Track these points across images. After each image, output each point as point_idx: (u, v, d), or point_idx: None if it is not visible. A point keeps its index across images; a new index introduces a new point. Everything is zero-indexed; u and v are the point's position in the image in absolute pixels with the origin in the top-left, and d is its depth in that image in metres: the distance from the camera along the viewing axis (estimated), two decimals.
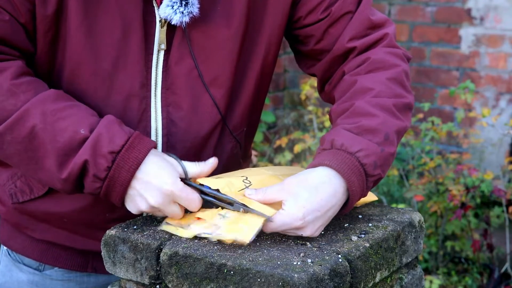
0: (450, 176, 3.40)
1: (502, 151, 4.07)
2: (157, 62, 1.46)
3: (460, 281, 3.50)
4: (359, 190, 1.35)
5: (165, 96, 1.48)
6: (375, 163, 1.35)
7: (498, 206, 3.56)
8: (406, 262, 1.43)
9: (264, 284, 1.19)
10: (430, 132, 3.59)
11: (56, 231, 1.56)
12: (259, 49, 1.53)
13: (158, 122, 1.48)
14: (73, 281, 1.61)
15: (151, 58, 1.45)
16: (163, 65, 1.46)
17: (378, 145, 1.36)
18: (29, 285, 1.61)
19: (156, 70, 1.46)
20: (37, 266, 1.61)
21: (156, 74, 1.46)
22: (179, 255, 1.28)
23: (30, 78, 1.39)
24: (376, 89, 1.44)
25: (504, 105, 4.13)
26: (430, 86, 4.35)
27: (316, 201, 1.30)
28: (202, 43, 1.46)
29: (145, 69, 1.45)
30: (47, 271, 1.61)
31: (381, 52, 1.51)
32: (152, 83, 1.46)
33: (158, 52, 1.46)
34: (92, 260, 1.59)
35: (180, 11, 1.40)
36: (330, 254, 1.26)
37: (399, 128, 1.42)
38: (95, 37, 1.40)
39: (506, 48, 4.08)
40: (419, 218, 1.45)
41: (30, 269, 1.62)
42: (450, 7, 4.22)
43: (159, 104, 1.48)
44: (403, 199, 3.82)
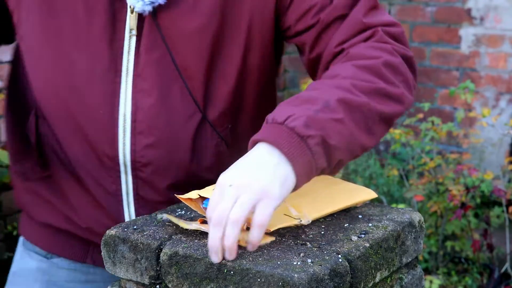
0: (450, 176, 3.40)
1: (502, 151, 4.08)
2: (129, 48, 1.47)
3: (460, 281, 3.50)
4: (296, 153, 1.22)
5: (135, 83, 1.48)
6: (305, 124, 1.23)
7: (498, 206, 3.57)
8: (406, 262, 1.43)
9: (264, 284, 1.19)
10: (430, 132, 3.60)
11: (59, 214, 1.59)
12: (235, 51, 1.51)
13: (127, 108, 1.49)
14: (78, 271, 1.63)
15: (121, 44, 1.46)
16: (135, 52, 1.47)
17: (313, 111, 1.25)
18: (37, 272, 1.65)
19: (128, 56, 1.47)
20: (45, 254, 1.65)
21: (128, 60, 1.47)
22: (179, 255, 1.28)
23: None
24: (341, 74, 1.35)
25: (504, 105, 4.13)
26: (430, 86, 4.35)
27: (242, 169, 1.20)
28: (171, 32, 1.46)
29: (113, 54, 1.46)
30: (54, 259, 1.65)
31: (362, 46, 1.42)
32: (123, 69, 1.47)
33: (130, 38, 1.46)
34: (92, 251, 1.62)
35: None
36: (330, 254, 1.26)
37: (346, 98, 1.29)
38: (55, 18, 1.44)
39: (506, 48, 4.09)
40: (419, 218, 1.45)
41: (40, 257, 1.66)
42: (450, 7, 4.22)
43: (130, 91, 1.48)
44: (403, 199, 3.82)
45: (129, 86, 1.48)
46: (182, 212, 1.46)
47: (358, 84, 1.32)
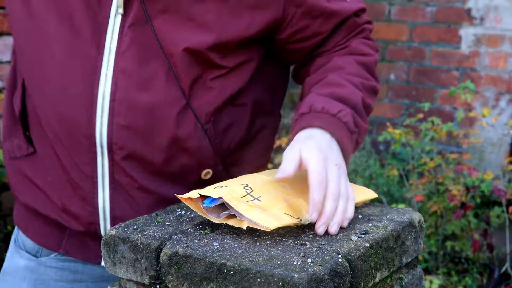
0: (450, 176, 3.40)
1: (502, 151, 4.08)
2: (113, 26, 1.45)
3: (460, 281, 3.50)
4: (350, 149, 1.44)
5: (117, 62, 1.46)
6: (354, 121, 1.45)
7: (498, 206, 3.57)
8: (406, 262, 1.43)
9: (264, 284, 1.19)
10: (430, 132, 3.60)
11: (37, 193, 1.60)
12: None
13: (107, 87, 1.47)
14: (67, 270, 1.62)
15: (105, 22, 1.44)
16: (119, 30, 1.45)
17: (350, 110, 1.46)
18: (25, 271, 1.65)
19: (112, 34, 1.45)
20: (35, 252, 1.64)
21: (112, 38, 1.45)
22: (179, 255, 1.28)
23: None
24: (347, 68, 1.53)
25: (504, 105, 4.13)
26: (430, 86, 4.35)
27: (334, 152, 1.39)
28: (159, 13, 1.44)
29: (96, 31, 1.45)
30: (42, 258, 1.64)
31: (357, 41, 1.59)
32: (106, 47, 1.46)
33: (115, 16, 1.45)
34: (66, 241, 1.61)
35: None
36: (330, 254, 1.26)
37: (364, 102, 1.51)
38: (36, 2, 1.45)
39: (506, 48, 4.09)
40: (419, 218, 1.45)
41: (28, 255, 1.65)
42: (450, 7, 4.22)
43: (111, 69, 1.46)
44: (403, 199, 3.82)
45: (110, 64, 1.46)
46: (182, 212, 1.46)
47: (365, 84, 1.53)
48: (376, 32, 4.48)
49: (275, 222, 1.31)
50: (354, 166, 4.03)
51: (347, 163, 1.43)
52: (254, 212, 1.31)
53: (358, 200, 1.47)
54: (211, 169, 1.57)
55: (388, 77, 4.49)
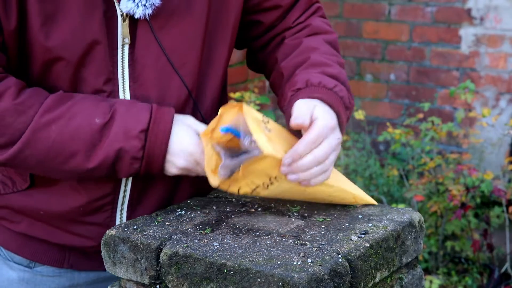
0: (450, 176, 3.40)
1: (502, 151, 4.07)
2: (123, 56, 1.46)
3: (460, 281, 3.50)
4: (345, 124, 1.47)
5: (133, 89, 1.48)
6: (348, 97, 1.49)
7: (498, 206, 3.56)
8: (406, 262, 1.43)
9: (264, 284, 1.19)
10: (430, 132, 3.60)
11: (32, 222, 1.56)
12: (226, 33, 1.55)
13: None
14: (63, 276, 1.61)
15: (116, 53, 1.45)
16: (129, 58, 1.46)
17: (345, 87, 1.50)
18: (19, 283, 1.61)
19: (122, 64, 1.46)
20: (27, 263, 1.61)
21: (123, 68, 1.46)
22: (179, 255, 1.28)
23: (30, 91, 1.42)
24: (321, 48, 1.56)
25: (504, 105, 4.13)
26: (430, 86, 4.35)
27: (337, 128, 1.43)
28: (166, 31, 1.46)
29: (111, 64, 1.45)
30: (37, 268, 1.60)
31: (317, 20, 1.64)
32: (119, 77, 1.46)
33: (123, 46, 1.45)
34: (69, 256, 1.59)
35: (142, 4, 1.41)
36: (330, 254, 1.26)
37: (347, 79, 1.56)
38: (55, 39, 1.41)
39: (506, 48, 4.08)
40: (419, 218, 1.45)
41: (21, 267, 1.61)
42: (450, 7, 4.22)
43: (128, 98, 1.48)
44: (403, 199, 3.82)
45: (126, 93, 1.47)
46: (182, 212, 1.46)
47: (340, 62, 1.57)
48: (376, 32, 4.48)
49: (271, 150, 1.32)
50: (354, 166, 4.03)
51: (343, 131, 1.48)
52: (259, 135, 1.33)
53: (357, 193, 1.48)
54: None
55: (388, 77, 4.49)
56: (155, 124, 1.41)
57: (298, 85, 1.47)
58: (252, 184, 1.39)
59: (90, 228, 1.54)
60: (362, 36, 4.54)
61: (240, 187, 1.40)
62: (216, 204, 1.51)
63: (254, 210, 1.48)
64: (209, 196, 1.58)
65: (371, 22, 4.48)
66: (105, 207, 1.52)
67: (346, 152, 4.17)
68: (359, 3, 4.51)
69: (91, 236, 1.54)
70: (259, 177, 1.38)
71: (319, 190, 1.42)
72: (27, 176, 1.53)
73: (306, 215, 1.44)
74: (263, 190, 1.40)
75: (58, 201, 1.52)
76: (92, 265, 1.59)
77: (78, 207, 1.52)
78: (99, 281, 1.62)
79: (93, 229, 1.53)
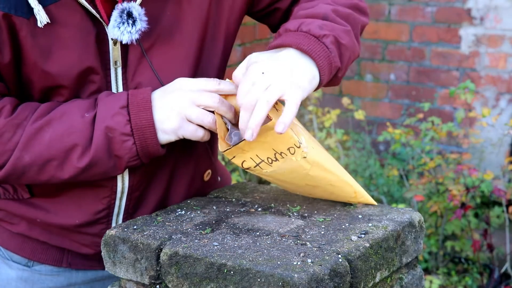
0: (450, 176, 3.40)
1: (502, 151, 4.08)
2: (116, 76, 1.46)
3: (460, 281, 3.50)
4: (316, 50, 1.37)
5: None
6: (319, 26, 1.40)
7: (498, 206, 3.57)
8: (406, 262, 1.43)
9: (264, 284, 1.19)
10: (430, 132, 3.60)
11: (32, 227, 1.57)
12: (218, 45, 1.55)
13: None
14: (61, 275, 1.61)
15: (109, 73, 1.46)
16: (122, 78, 1.47)
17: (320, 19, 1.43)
18: (18, 281, 1.62)
19: (116, 83, 1.47)
20: (26, 262, 1.62)
21: (117, 88, 1.47)
22: (179, 255, 1.28)
23: (23, 105, 1.43)
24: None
25: (504, 105, 4.13)
26: (430, 86, 4.35)
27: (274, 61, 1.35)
28: (157, 51, 1.47)
29: (105, 84, 1.46)
30: (36, 267, 1.61)
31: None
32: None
33: (116, 69, 1.46)
34: (67, 255, 1.60)
35: (127, 31, 1.41)
36: (330, 254, 1.26)
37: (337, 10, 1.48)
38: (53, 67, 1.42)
39: (506, 48, 4.09)
40: (419, 218, 1.45)
41: (20, 266, 1.62)
42: (450, 7, 4.22)
43: None
44: (403, 199, 3.82)
45: None
46: (182, 212, 1.46)
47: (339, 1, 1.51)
48: (376, 32, 4.48)
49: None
50: (354, 166, 4.03)
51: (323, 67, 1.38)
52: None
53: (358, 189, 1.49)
54: (210, 169, 1.62)
55: (388, 77, 4.49)
56: (133, 97, 1.41)
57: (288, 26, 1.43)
58: (257, 158, 1.38)
59: (87, 237, 1.56)
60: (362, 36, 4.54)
61: (245, 161, 1.39)
62: (216, 204, 1.51)
63: (254, 210, 1.48)
64: (209, 196, 1.58)
65: (371, 22, 4.48)
66: (100, 220, 1.54)
67: (346, 152, 4.18)
68: None
69: (87, 244, 1.57)
70: (264, 151, 1.37)
71: (321, 176, 1.42)
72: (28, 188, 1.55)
73: (306, 215, 1.44)
74: (266, 166, 1.38)
75: (56, 214, 1.54)
76: (91, 264, 1.60)
77: (74, 221, 1.54)
78: (97, 280, 1.63)
79: (89, 238, 1.56)
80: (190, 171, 1.58)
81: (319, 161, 1.40)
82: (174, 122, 1.41)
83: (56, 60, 1.41)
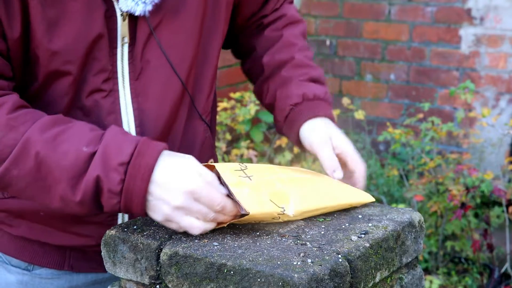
0: (450, 176, 3.40)
1: (502, 151, 4.08)
2: (122, 55, 1.45)
3: (460, 281, 3.50)
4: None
5: (134, 87, 1.47)
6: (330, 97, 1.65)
7: (498, 206, 3.57)
8: (406, 262, 1.43)
9: (264, 284, 1.19)
10: (430, 132, 3.60)
11: (32, 225, 1.55)
12: (219, 26, 1.57)
13: (129, 114, 1.48)
14: (62, 278, 1.60)
15: (115, 52, 1.44)
16: (129, 56, 1.46)
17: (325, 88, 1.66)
18: (18, 286, 1.59)
19: (122, 62, 1.46)
20: (26, 266, 1.59)
21: (122, 66, 1.46)
22: (179, 255, 1.28)
23: (27, 110, 1.38)
24: (299, 44, 1.70)
25: (504, 105, 4.13)
26: (430, 86, 4.35)
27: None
28: (164, 28, 1.47)
29: (110, 63, 1.45)
30: (36, 271, 1.59)
31: (289, 7, 1.75)
32: (119, 76, 1.46)
33: (122, 46, 1.45)
34: (69, 257, 1.58)
35: (142, 1, 1.41)
36: (330, 254, 1.26)
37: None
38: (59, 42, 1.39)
39: (506, 48, 4.09)
40: (419, 218, 1.45)
41: (19, 270, 1.60)
42: (450, 7, 4.22)
43: (129, 96, 1.47)
44: (403, 199, 3.82)
45: (127, 91, 1.47)
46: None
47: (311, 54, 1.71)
48: (376, 32, 4.48)
49: (256, 207, 1.31)
50: None
51: None
52: (241, 190, 1.32)
53: (353, 201, 1.47)
54: (212, 159, 1.65)
55: (388, 77, 4.49)
56: (138, 158, 1.31)
57: (295, 100, 1.61)
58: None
59: (91, 228, 1.53)
60: (362, 36, 4.54)
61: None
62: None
63: None
64: None
65: (371, 22, 4.48)
66: None
67: None
68: (359, 3, 4.52)
69: (91, 235, 1.53)
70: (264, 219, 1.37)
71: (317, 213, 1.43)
72: None
73: None
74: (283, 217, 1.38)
75: None
76: (92, 266, 1.59)
77: None
78: (97, 283, 1.62)
79: (94, 228, 1.52)
80: None
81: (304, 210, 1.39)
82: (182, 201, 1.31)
83: (63, 34, 1.39)
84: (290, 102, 1.61)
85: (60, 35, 1.39)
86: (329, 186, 1.49)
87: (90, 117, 1.46)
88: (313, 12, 4.68)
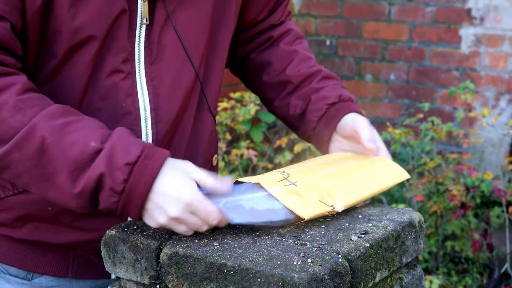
0: (450, 176, 3.40)
1: (502, 151, 4.08)
2: (139, 37, 1.45)
3: (460, 281, 3.50)
4: None
5: (149, 71, 1.47)
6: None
7: (498, 206, 3.56)
8: (406, 262, 1.43)
9: (264, 284, 1.19)
10: (430, 132, 3.60)
11: (37, 224, 1.51)
12: (229, 19, 1.58)
13: (145, 97, 1.47)
14: (62, 286, 1.58)
15: (134, 34, 1.44)
16: (145, 40, 1.46)
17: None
18: None
19: (139, 45, 1.46)
20: (24, 275, 1.57)
21: (139, 49, 1.46)
22: (179, 255, 1.28)
23: (36, 94, 1.36)
24: (313, 57, 1.77)
25: (504, 105, 4.13)
26: (430, 86, 4.35)
27: None
28: (180, 14, 1.48)
29: (129, 45, 1.44)
30: (36, 279, 1.57)
31: (292, 24, 1.81)
32: (136, 58, 1.46)
33: (141, 27, 1.45)
34: (72, 264, 1.56)
35: None
36: (330, 254, 1.26)
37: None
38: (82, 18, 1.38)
39: (506, 48, 4.09)
40: (419, 218, 1.45)
41: (18, 279, 1.57)
42: (450, 7, 4.22)
43: (144, 79, 1.47)
44: (403, 199, 3.82)
45: (142, 74, 1.47)
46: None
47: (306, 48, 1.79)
48: (376, 32, 4.48)
49: (309, 210, 1.35)
50: None
51: None
52: (290, 198, 1.35)
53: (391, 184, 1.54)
54: (217, 154, 1.67)
55: (388, 77, 4.49)
56: (144, 161, 1.31)
57: (332, 100, 1.67)
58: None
59: (101, 220, 1.49)
60: (362, 36, 4.54)
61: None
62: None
63: None
64: None
65: (371, 22, 4.48)
66: None
67: None
68: (359, 3, 4.52)
69: (100, 228, 1.48)
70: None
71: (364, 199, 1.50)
72: None
73: None
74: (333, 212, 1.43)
75: None
76: (95, 272, 1.57)
77: None
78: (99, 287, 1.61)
79: (104, 221, 1.48)
80: (200, 157, 1.59)
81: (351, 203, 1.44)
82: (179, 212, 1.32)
83: (88, 8, 1.37)
84: (327, 102, 1.66)
85: (85, 10, 1.38)
86: (366, 172, 1.53)
87: (106, 101, 1.44)
88: (313, 12, 4.68)
